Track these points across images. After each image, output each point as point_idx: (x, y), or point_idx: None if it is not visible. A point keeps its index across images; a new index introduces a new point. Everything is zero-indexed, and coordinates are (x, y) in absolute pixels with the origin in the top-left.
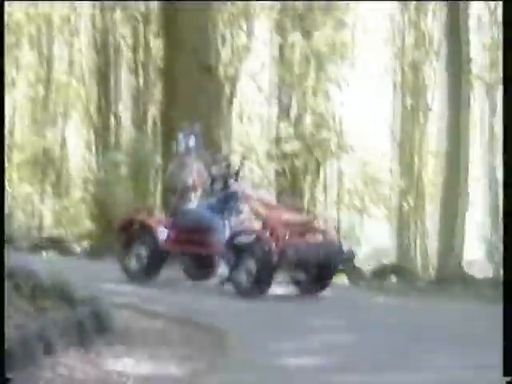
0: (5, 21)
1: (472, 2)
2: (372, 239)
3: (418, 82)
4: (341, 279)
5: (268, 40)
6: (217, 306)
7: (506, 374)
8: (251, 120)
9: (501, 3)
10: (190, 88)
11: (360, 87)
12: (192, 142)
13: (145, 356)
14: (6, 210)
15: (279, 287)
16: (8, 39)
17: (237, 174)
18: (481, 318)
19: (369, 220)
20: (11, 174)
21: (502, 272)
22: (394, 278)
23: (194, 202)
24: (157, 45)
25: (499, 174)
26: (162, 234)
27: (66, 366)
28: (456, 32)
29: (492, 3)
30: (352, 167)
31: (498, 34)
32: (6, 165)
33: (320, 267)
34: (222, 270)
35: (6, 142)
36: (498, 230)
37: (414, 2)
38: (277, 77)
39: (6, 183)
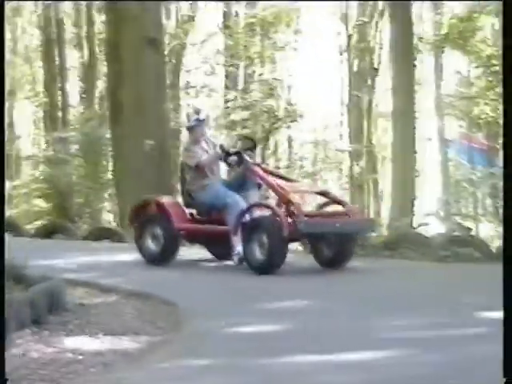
0: (5, 21)
1: None
2: None
3: (363, 45)
4: (293, 245)
5: (213, 10)
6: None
7: (505, 374)
8: (198, 91)
9: None
10: (136, 62)
11: (307, 53)
12: (202, 115)
13: (99, 332)
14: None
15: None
16: None
17: (251, 147)
18: (432, 277)
19: (322, 185)
20: None
21: (453, 231)
22: None
23: (209, 179)
24: (100, 20)
25: (446, 134)
26: (178, 213)
27: (20, 346)
28: None
29: None
30: (302, 134)
31: None
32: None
33: (340, 240)
34: (239, 247)
35: None
36: (448, 188)
37: None
38: (223, 46)
39: None
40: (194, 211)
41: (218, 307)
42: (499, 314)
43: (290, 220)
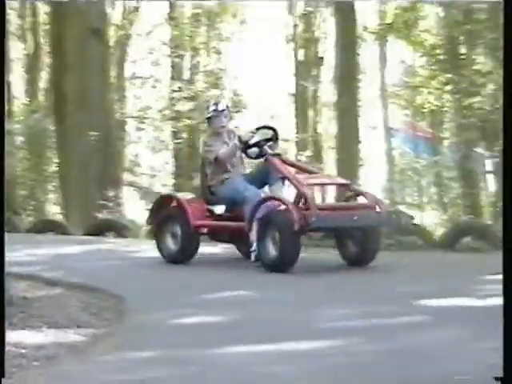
0: (5, 21)
1: None
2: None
3: (308, 34)
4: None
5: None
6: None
7: (505, 370)
8: (144, 82)
9: None
10: (80, 52)
11: (253, 43)
12: (221, 106)
13: (43, 325)
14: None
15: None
16: None
17: (272, 139)
18: (386, 266)
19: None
20: None
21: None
22: None
23: (229, 173)
24: (44, 10)
25: (391, 123)
26: (195, 209)
27: None
28: None
29: None
30: (249, 124)
31: None
32: None
33: (363, 235)
34: (255, 243)
35: None
36: (393, 176)
37: None
38: (168, 37)
39: None
40: (214, 207)
41: (164, 300)
42: (438, 302)
43: (302, 214)
